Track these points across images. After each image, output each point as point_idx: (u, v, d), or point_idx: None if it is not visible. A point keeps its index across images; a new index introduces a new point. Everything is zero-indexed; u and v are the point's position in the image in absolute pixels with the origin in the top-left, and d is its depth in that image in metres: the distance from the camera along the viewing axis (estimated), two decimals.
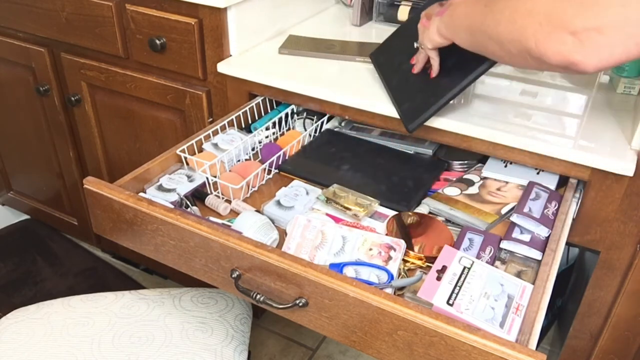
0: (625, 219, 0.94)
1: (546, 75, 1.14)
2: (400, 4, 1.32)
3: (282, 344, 1.61)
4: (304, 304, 0.70)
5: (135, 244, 0.86)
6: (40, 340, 1.01)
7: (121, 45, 1.29)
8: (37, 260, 1.84)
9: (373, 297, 0.65)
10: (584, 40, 0.59)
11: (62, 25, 1.35)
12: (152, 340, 1.01)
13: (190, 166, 0.99)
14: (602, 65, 0.61)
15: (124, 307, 1.08)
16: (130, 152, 1.47)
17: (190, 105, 1.27)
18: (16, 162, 1.80)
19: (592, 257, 1.22)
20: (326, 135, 1.14)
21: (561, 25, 0.60)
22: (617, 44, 0.58)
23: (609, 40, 0.58)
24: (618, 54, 0.59)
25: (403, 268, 0.82)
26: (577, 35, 0.59)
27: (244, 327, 1.08)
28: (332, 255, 0.81)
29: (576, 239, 1.00)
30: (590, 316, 1.09)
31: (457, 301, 0.68)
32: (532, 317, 0.67)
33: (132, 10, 1.22)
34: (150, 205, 0.80)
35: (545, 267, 0.75)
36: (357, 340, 0.69)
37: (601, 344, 1.09)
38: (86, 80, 1.41)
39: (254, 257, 0.72)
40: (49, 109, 1.55)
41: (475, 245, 0.84)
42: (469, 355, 0.61)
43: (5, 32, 1.49)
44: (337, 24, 1.38)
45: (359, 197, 0.93)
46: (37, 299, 1.64)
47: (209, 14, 1.14)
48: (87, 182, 0.85)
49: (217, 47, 1.17)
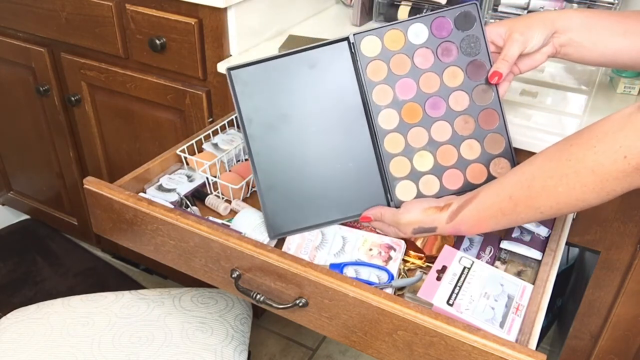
0: (625, 219, 0.94)
1: (546, 75, 1.14)
2: (400, 4, 1.32)
3: (282, 344, 1.61)
4: (304, 304, 0.70)
5: (135, 244, 0.86)
6: (40, 340, 1.01)
7: (121, 45, 1.29)
8: (37, 260, 1.84)
9: (373, 297, 0.65)
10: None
11: (62, 25, 1.35)
12: (152, 340, 1.01)
13: (190, 166, 0.99)
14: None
15: (124, 307, 1.08)
16: (130, 152, 1.47)
17: (190, 105, 1.27)
18: (16, 162, 1.80)
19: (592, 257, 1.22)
20: None
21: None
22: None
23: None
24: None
25: (403, 268, 0.82)
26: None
27: (244, 327, 1.08)
28: (332, 255, 0.81)
29: (576, 239, 1.00)
30: (590, 316, 1.09)
31: (457, 301, 0.68)
32: (532, 317, 0.67)
33: (132, 10, 1.22)
34: (150, 205, 0.80)
35: (545, 267, 0.75)
36: (357, 340, 0.69)
37: (601, 344, 1.09)
38: (86, 80, 1.41)
39: (254, 257, 0.72)
40: (49, 109, 1.55)
41: (475, 245, 0.84)
42: (469, 355, 0.61)
43: (5, 32, 1.49)
44: (337, 24, 1.38)
45: None
46: (37, 299, 1.64)
47: (209, 14, 1.14)
48: (87, 182, 0.85)
49: (217, 47, 1.17)
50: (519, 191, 0.68)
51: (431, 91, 0.84)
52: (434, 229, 0.76)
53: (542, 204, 0.66)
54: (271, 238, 0.83)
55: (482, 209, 0.71)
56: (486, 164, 0.84)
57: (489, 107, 0.83)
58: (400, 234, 0.80)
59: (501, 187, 0.70)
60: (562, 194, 0.64)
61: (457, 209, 0.74)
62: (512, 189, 0.69)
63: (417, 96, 0.84)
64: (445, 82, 0.84)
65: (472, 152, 0.84)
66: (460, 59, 0.83)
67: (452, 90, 0.84)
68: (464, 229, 0.74)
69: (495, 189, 0.71)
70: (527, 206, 0.67)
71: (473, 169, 0.84)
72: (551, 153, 0.66)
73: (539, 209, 0.67)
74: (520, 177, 0.68)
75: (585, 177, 0.61)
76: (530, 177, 0.67)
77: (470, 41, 0.83)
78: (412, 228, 0.78)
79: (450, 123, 0.84)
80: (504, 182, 0.70)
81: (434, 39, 0.83)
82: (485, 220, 0.71)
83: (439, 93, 0.84)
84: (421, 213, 0.77)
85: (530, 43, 0.80)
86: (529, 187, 0.66)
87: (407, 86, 0.84)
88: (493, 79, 0.81)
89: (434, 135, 0.84)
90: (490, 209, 0.71)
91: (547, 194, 0.65)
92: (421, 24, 0.83)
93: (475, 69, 0.83)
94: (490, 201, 0.71)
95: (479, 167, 0.84)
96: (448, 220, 0.74)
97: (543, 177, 0.65)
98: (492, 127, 0.84)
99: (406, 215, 0.78)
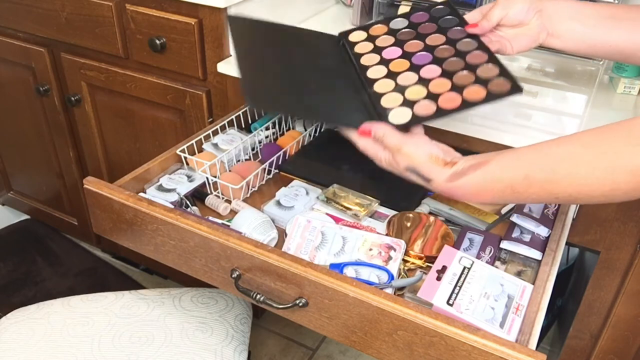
0: (625, 219, 0.94)
1: (546, 75, 1.14)
2: (400, 4, 1.32)
3: (282, 344, 1.61)
4: (304, 304, 0.70)
5: (135, 244, 0.86)
6: (40, 340, 1.01)
7: (121, 45, 1.29)
8: (37, 260, 1.84)
9: (373, 297, 0.65)
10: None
11: (62, 25, 1.35)
12: (152, 340, 1.01)
13: (190, 166, 0.99)
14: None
15: (124, 307, 1.08)
16: (130, 152, 1.47)
17: (190, 105, 1.27)
18: (16, 162, 1.80)
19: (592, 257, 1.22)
20: (326, 135, 1.14)
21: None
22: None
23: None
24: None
25: (403, 268, 0.82)
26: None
27: (244, 327, 1.08)
28: (332, 255, 0.81)
29: (576, 239, 1.00)
30: (590, 316, 1.09)
31: (457, 301, 0.68)
32: (532, 317, 0.67)
33: (132, 10, 1.22)
34: (150, 205, 0.80)
35: (545, 267, 0.75)
36: (357, 340, 0.69)
37: (601, 344, 1.09)
38: (86, 80, 1.41)
39: (254, 257, 0.72)
40: (49, 109, 1.55)
41: (475, 245, 0.84)
42: (469, 355, 0.61)
43: (5, 32, 1.49)
44: (337, 24, 1.38)
45: (359, 197, 0.93)
46: (37, 299, 1.64)
47: (209, 14, 1.14)
48: (87, 182, 0.85)
49: (217, 47, 1.17)
50: (539, 172, 0.61)
51: (416, 50, 0.89)
52: (428, 180, 0.70)
53: (562, 190, 0.60)
54: (248, 104, 0.81)
55: (490, 180, 0.65)
56: (484, 84, 0.80)
57: (476, 50, 0.85)
58: (392, 163, 0.73)
59: (518, 161, 0.63)
60: (588, 186, 0.58)
61: (462, 171, 0.67)
62: (530, 167, 0.62)
63: (403, 55, 0.89)
64: (429, 43, 0.89)
65: (466, 79, 0.81)
66: (440, 29, 0.91)
67: (437, 47, 0.88)
68: (460, 194, 0.67)
69: (510, 162, 0.64)
70: (542, 189, 0.61)
71: (469, 90, 0.80)
72: (585, 139, 0.60)
73: (555, 195, 0.61)
74: (543, 157, 0.61)
75: (621, 176, 0.56)
76: (557, 159, 0.60)
77: (449, 21, 0.91)
78: (408, 164, 0.71)
79: (439, 65, 0.85)
80: (522, 156, 0.64)
81: (413, 24, 0.94)
82: (488, 192, 0.65)
83: (424, 50, 0.88)
84: (426, 155, 0.70)
85: (512, 9, 0.82)
86: (552, 170, 0.60)
87: (392, 51, 0.91)
88: (469, 28, 0.86)
89: (423, 74, 0.85)
90: (499, 182, 0.64)
91: (570, 182, 0.59)
92: (402, 18, 0.95)
93: (456, 32, 0.89)
94: (502, 174, 0.64)
95: (476, 87, 0.80)
96: (448, 179, 0.68)
97: (571, 164, 0.59)
98: (482, 61, 0.83)
99: (412, 147, 0.71)
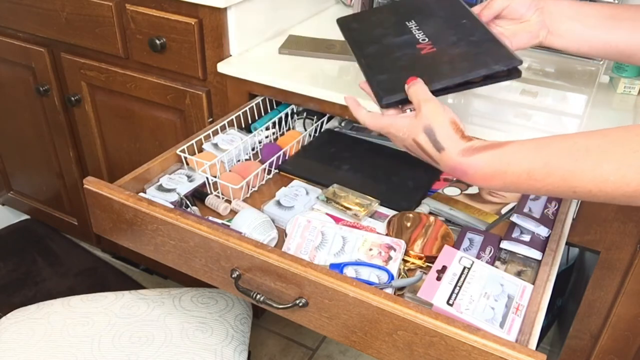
0: (625, 219, 0.94)
1: (546, 75, 1.14)
2: None
3: (282, 344, 1.61)
4: (304, 304, 0.70)
5: (135, 244, 0.86)
6: (40, 340, 1.01)
7: (121, 45, 1.29)
8: (37, 260, 1.84)
9: (373, 297, 0.65)
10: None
11: (62, 25, 1.35)
12: (152, 340, 1.01)
13: (190, 166, 0.99)
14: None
15: (124, 307, 1.08)
16: (130, 152, 1.47)
17: (190, 105, 1.27)
18: (16, 162, 1.80)
19: (592, 257, 1.22)
20: (326, 135, 1.14)
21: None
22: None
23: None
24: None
25: (403, 268, 0.82)
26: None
27: (244, 327, 1.08)
28: (332, 255, 0.81)
29: (576, 239, 1.00)
30: (590, 316, 1.09)
31: (457, 301, 0.68)
32: (532, 317, 0.67)
33: (132, 10, 1.22)
34: (150, 205, 0.80)
35: (545, 267, 0.75)
36: (357, 340, 0.69)
37: (601, 344, 1.09)
38: (86, 80, 1.41)
39: (254, 257, 0.72)
40: (49, 109, 1.55)
41: (475, 245, 0.84)
42: (469, 355, 0.61)
43: (5, 32, 1.49)
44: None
45: (359, 197, 0.93)
46: (37, 299, 1.64)
47: (209, 14, 1.14)
48: (87, 182, 0.85)
49: (217, 47, 1.17)
50: (562, 161, 0.58)
51: None
52: (441, 147, 0.65)
53: (583, 185, 0.57)
54: (383, 105, 0.74)
55: (507, 162, 0.61)
56: None
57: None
58: (413, 121, 0.68)
59: (539, 147, 0.60)
60: (612, 183, 0.55)
61: (478, 147, 0.63)
62: (552, 155, 0.59)
63: None
64: None
65: None
66: None
67: None
68: (471, 172, 0.63)
69: (532, 146, 0.61)
70: (563, 180, 0.58)
71: None
72: (615, 135, 0.57)
73: (575, 189, 0.57)
74: (569, 147, 0.58)
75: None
76: (583, 150, 0.57)
77: None
78: (429, 122, 0.66)
79: None
80: (544, 142, 0.60)
81: None
82: (501, 175, 0.61)
83: None
84: (448, 120, 0.66)
85: (513, 3, 0.82)
86: (577, 160, 0.57)
87: None
88: None
89: None
90: (515, 166, 0.61)
91: (592, 177, 0.56)
92: None
93: None
94: (521, 157, 0.61)
95: None
96: (461, 153, 0.64)
97: (599, 158, 0.56)
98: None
99: (438, 107, 0.67)
